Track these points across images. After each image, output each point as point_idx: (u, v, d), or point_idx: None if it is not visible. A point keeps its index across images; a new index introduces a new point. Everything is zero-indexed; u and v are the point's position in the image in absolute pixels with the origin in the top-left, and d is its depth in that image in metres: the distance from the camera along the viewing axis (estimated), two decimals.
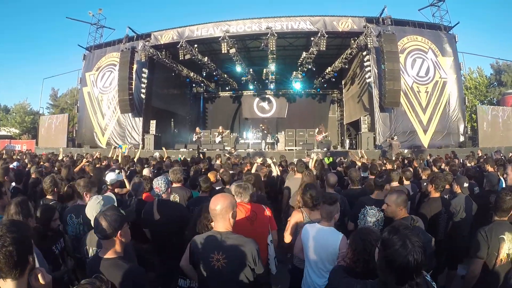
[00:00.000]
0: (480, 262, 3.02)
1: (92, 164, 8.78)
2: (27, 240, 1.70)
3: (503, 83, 36.39)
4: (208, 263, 2.56)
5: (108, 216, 2.38)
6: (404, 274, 1.65)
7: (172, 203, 4.13)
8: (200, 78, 24.58)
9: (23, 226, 1.79)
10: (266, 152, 17.43)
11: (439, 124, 18.25)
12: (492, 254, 2.94)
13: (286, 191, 6.05)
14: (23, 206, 2.78)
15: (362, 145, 17.83)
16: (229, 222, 2.64)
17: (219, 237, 2.59)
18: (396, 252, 1.64)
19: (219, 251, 2.55)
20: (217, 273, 2.52)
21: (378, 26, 18.06)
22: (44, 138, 24.77)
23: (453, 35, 19.61)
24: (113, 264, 2.35)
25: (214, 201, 2.69)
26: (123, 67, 19.39)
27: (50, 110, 42.66)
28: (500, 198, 3.19)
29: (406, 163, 10.36)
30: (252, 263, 2.54)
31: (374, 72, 17.90)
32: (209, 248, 2.59)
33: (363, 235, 2.37)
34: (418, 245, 1.64)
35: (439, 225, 4.34)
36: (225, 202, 2.66)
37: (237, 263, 2.53)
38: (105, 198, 3.29)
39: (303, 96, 27.57)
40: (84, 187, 3.87)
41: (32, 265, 1.69)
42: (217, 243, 2.58)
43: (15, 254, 1.57)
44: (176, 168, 5.45)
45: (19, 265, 1.60)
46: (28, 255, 1.66)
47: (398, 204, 3.44)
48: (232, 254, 2.53)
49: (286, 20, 18.58)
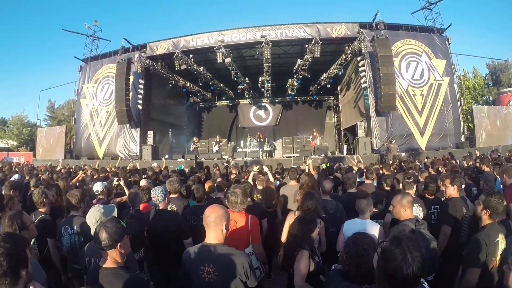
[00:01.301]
0: (478, 271, 2.86)
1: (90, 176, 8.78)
2: (21, 254, 1.69)
3: (500, 82, 36.55)
4: (199, 275, 2.53)
5: (109, 228, 2.36)
6: (401, 285, 1.64)
7: (169, 213, 4.15)
8: (197, 88, 24.69)
9: (19, 239, 1.79)
10: (263, 160, 17.42)
11: (436, 126, 18.30)
12: (489, 260, 2.83)
13: (282, 198, 6.04)
14: (16, 219, 2.79)
15: (360, 150, 17.87)
16: (221, 233, 2.60)
17: (211, 249, 2.56)
18: (396, 267, 1.62)
19: (209, 263, 2.51)
20: (208, 285, 2.49)
21: (372, 31, 18.20)
22: (42, 150, 24.75)
23: (446, 37, 19.78)
24: (113, 274, 2.33)
25: (209, 210, 2.68)
26: (119, 79, 19.44)
27: (48, 122, 42.66)
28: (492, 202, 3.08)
29: (403, 167, 10.37)
30: (243, 276, 2.50)
31: (369, 77, 17.99)
32: (200, 260, 2.56)
33: (357, 240, 2.37)
34: (418, 259, 1.63)
35: (461, 226, 4.09)
36: (219, 212, 2.64)
37: (228, 275, 2.48)
38: (106, 207, 3.29)
39: (299, 103, 27.69)
40: (80, 197, 3.88)
41: (26, 279, 1.69)
42: (208, 255, 2.55)
43: (5, 265, 1.58)
44: (173, 179, 5.45)
45: (8, 276, 1.59)
46: (20, 269, 1.66)
47: (403, 205, 3.43)
48: (223, 266, 2.49)
49: (280, 28, 18.73)
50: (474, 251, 2.89)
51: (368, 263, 2.19)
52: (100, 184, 5.56)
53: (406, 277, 1.60)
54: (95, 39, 24.79)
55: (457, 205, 4.12)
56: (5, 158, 25.43)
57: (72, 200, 3.84)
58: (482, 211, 3.11)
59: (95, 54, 24.35)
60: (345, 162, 13.67)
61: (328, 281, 2.34)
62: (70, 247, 3.63)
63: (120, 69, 19.53)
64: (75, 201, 3.84)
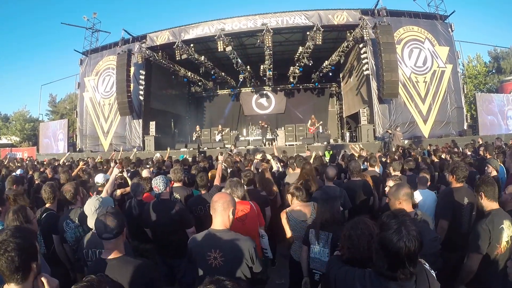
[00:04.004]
0: (479, 257, 2.87)
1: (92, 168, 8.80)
2: (31, 247, 1.70)
3: (501, 70, 36.25)
4: (205, 260, 2.57)
5: (115, 215, 2.36)
6: (396, 260, 1.66)
7: (171, 202, 4.13)
8: (198, 77, 24.61)
9: (28, 232, 1.80)
10: (267, 148, 17.42)
11: (439, 113, 18.23)
12: (493, 246, 2.82)
13: (286, 186, 6.05)
14: (20, 213, 2.80)
15: (362, 138, 17.84)
16: (228, 219, 2.66)
17: (217, 235, 2.61)
18: (389, 236, 1.67)
19: (216, 248, 2.56)
20: (215, 270, 2.52)
21: (374, 18, 18.02)
22: (44, 144, 24.85)
23: (449, 24, 19.54)
24: (121, 262, 2.32)
25: (216, 196, 2.77)
26: (120, 70, 19.42)
27: (50, 116, 42.74)
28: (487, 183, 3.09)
29: (406, 154, 10.37)
30: (249, 260, 2.56)
31: (371, 64, 17.89)
32: (206, 245, 2.61)
33: (353, 224, 2.39)
34: (413, 233, 1.66)
35: (462, 216, 3.95)
36: (226, 198, 2.72)
37: (234, 260, 2.54)
38: (104, 198, 3.30)
39: (302, 91, 27.55)
40: (74, 191, 3.87)
41: (36, 271, 1.69)
42: (214, 241, 2.59)
43: (16, 260, 1.59)
44: (176, 167, 5.44)
45: (20, 271, 1.61)
46: (31, 262, 1.67)
47: (397, 198, 3.11)
48: (229, 251, 2.55)
49: (281, 15, 18.54)
50: (477, 237, 2.90)
51: (358, 247, 2.25)
52: (102, 175, 5.57)
53: (399, 248, 1.63)
54: (94, 31, 24.56)
55: (457, 195, 4.00)
56: (9, 154, 25.49)
57: (67, 195, 3.83)
58: (479, 197, 3.12)
59: (95, 46, 24.20)
60: (348, 150, 13.66)
61: (329, 267, 2.35)
62: (75, 240, 3.60)
63: (120, 61, 19.49)
64: (70, 196, 3.84)
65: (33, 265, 1.67)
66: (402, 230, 1.66)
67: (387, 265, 1.70)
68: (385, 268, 1.71)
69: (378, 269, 1.76)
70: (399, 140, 14.56)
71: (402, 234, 1.64)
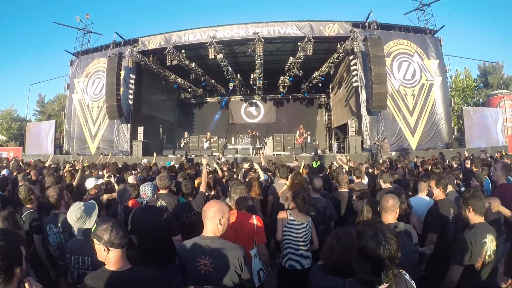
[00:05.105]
0: (460, 269, 2.92)
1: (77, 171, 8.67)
2: (15, 251, 1.66)
3: (489, 84, 36.98)
4: (195, 267, 2.59)
5: (119, 225, 2.30)
6: (378, 263, 1.71)
7: (158, 209, 4.10)
8: (188, 84, 24.56)
9: (13, 236, 1.75)
10: (255, 157, 17.42)
11: (426, 126, 18.47)
12: (475, 259, 2.87)
13: (271, 196, 6.05)
14: (9, 219, 2.75)
15: (350, 149, 17.95)
16: (217, 227, 2.67)
17: (207, 242, 2.64)
18: (367, 242, 1.74)
19: (206, 255, 2.58)
20: (204, 277, 2.54)
21: (364, 31, 18.28)
22: (31, 145, 24.41)
23: (438, 38, 19.92)
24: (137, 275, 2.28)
25: (207, 204, 2.78)
26: (110, 73, 19.22)
27: (37, 116, 42.21)
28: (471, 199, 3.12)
29: (394, 166, 10.46)
30: (238, 268, 2.57)
31: (360, 76, 18.08)
32: (196, 252, 2.62)
33: (335, 234, 2.47)
34: (389, 237, 1.74)
35: (449, 227, 4.05)
36: (216, 206, 2.72)
37: (223, 267, 2.56)
38: (87, 204, 3.24)
39: (291, 100, 27.72)
40: (57, 195, 3.83)
41: (21, 276, 1.65)
42: (204, 248, 2.61)
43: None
44: (163, 174, 5.44)
45: (1, 275, 1.56)
46: (15, 266, 1.62)
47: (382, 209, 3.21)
48: (219, 258, 2.56)
49: (273, 25, 18.69)
50: (459, 249, 2.96)
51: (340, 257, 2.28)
52: (93, 180, 5.52)
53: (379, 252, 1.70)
54: (86, 32, 24.40)
55: (443, 207, 4.08)
56: None
57: (51, 199, 3.80)
58: (465, 210, 3.14)
59: (86, 48, 24.02)
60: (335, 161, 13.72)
61: (312, 277, 2.38)
62: (57, 245, 3.56)
63: (111, 64, 19.30)
64: (53, 200, 3.80)
65: (17, 270, 1.63)
66: (379, 234, 1.74)
67: (370, 271, 1.74)
68: (368, 274, 1.75)
69: (361, 277, 1.80)
70: (386, 152, 14.69)
71: (380, 238, 1.72)
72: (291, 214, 3.92)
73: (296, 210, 3.94)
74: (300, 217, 3.88)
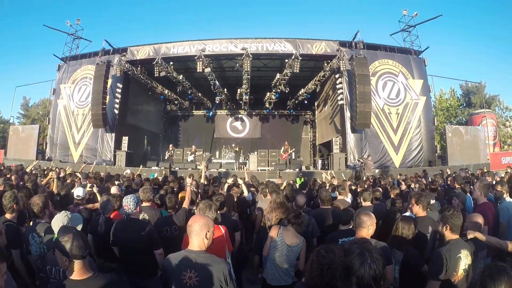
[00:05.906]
0: (437, 283, 2.98)
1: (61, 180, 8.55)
2: None
3: (471, 104, 37.91)
4: (180, 280, 2.59)
5: (80, 236, 2.28)
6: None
7: (140, 222, 4.04)
8: (175, 96, 24.56)
9: None
10: (239, 172, 17.38)
11: (410, 144, 18.84)
12: (451, 274, 2.94)
13: (259, 212, 6.05)
14: None
15: (334, 166, 18.09)
16: (203, 241, 2.68)
17: (192, 256, 2.65)
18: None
19: (191, 269, 2.59)
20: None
21: (351, 50, 18.66)
22: (13, 148, 23.79)
23: (423, 59, 20.52)
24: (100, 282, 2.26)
25: (192, 219, 2.78)
26: (97, 81, 19.00)
27: (21, 120, 41.26)
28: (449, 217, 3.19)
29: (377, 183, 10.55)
30: (223, 282, 2.58)
31: (346, 94, 18.37)
32: (182, 266, 2.63)
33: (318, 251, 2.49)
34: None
35: (427, 244, 4.16)
36: (201, 221, 2.74)
37: (208, 281, 2.56)
38: (73, 215, 3.21)
39: (277, 117, 27.94)
40: (42, 204, 3.76)
41: None
42: (189, 262, 2.62)
43: None
44: (146, 187, 5.42)
45: None
46: None
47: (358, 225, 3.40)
48: (204, 272, 2.58)
49: (261, 41, 18.93)
50: (434, 264, 3.03)
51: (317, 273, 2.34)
52: (81, 189, 5.47)
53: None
54: (76, 38, 24.06)
55: (422, 224, 4.15)
56: None
57: (35, 209, 3.72)
58: (443, 228, 3.22)
59: (75, 53, 23.73)
60: (319, 177, 13.78)
61: None
62: (39, 255, 3.48)
63: (99, 71, 19.12)
64: (37, 209, 3.73)
65: None
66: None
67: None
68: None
69: None
70: (370, 169, 14.85)
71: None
72: (282, 233, 3.84)
73: (290, 231, 3.87)
74: (290, 239, 3.79)
